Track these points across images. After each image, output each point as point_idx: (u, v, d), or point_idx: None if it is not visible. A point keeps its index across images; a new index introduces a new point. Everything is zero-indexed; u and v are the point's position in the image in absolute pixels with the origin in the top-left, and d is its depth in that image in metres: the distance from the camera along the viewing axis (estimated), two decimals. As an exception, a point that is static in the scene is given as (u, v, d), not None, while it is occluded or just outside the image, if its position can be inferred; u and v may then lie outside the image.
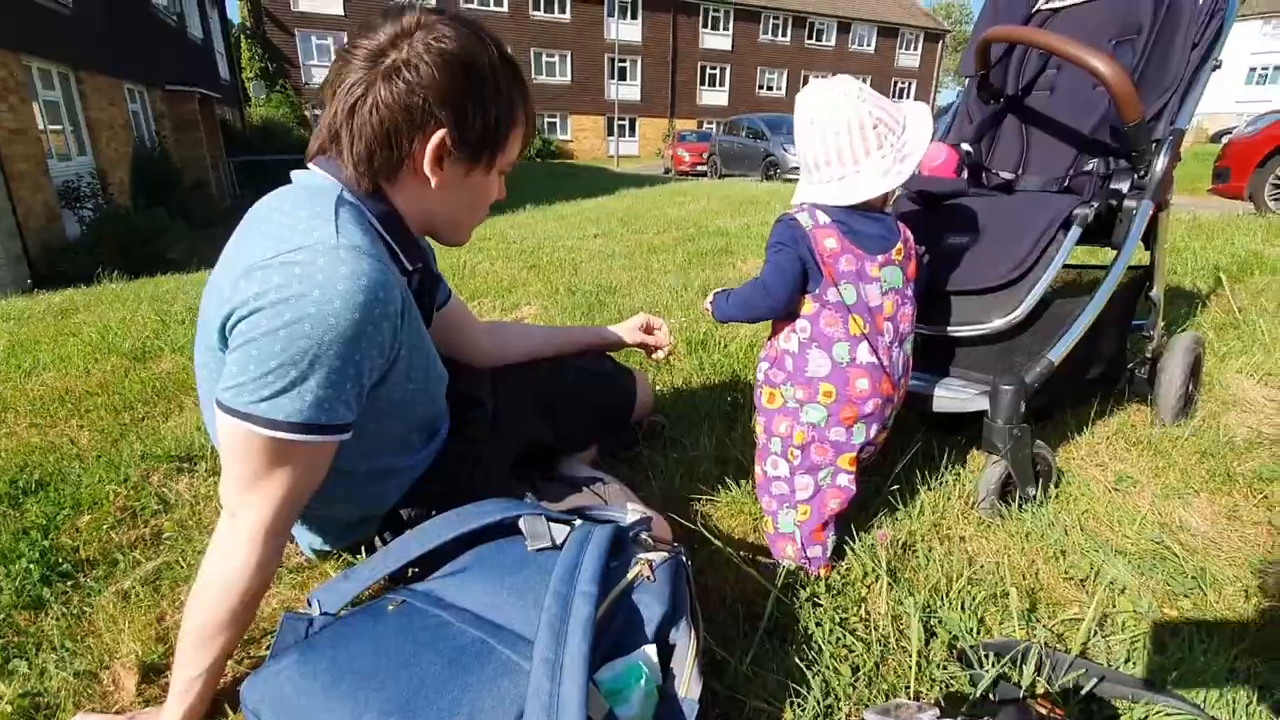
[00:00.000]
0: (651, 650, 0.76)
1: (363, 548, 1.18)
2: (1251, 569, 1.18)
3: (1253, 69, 30.82)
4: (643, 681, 0.72)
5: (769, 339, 1.20)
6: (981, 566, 1.19)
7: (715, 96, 32.20)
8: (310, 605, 0.84)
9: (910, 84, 36.80)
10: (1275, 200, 5.94)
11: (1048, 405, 1.62)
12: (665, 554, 0.85)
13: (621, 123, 29.79)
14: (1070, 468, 1.51)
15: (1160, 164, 1.39)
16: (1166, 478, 1.45)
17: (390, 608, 0.81)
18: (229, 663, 0.95)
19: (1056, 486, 1.41)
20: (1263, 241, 3.73)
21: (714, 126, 25.56)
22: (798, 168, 1.16)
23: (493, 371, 1.44)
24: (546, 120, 29.34)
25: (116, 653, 1.02)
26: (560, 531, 0.87)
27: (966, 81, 1.78)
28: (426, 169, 0.87)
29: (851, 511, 1.29)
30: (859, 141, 1.04)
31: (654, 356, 1.65)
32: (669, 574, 0.83)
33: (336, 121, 0.85)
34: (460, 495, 1.20)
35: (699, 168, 18.47)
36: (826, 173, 1.08)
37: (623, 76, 29.56)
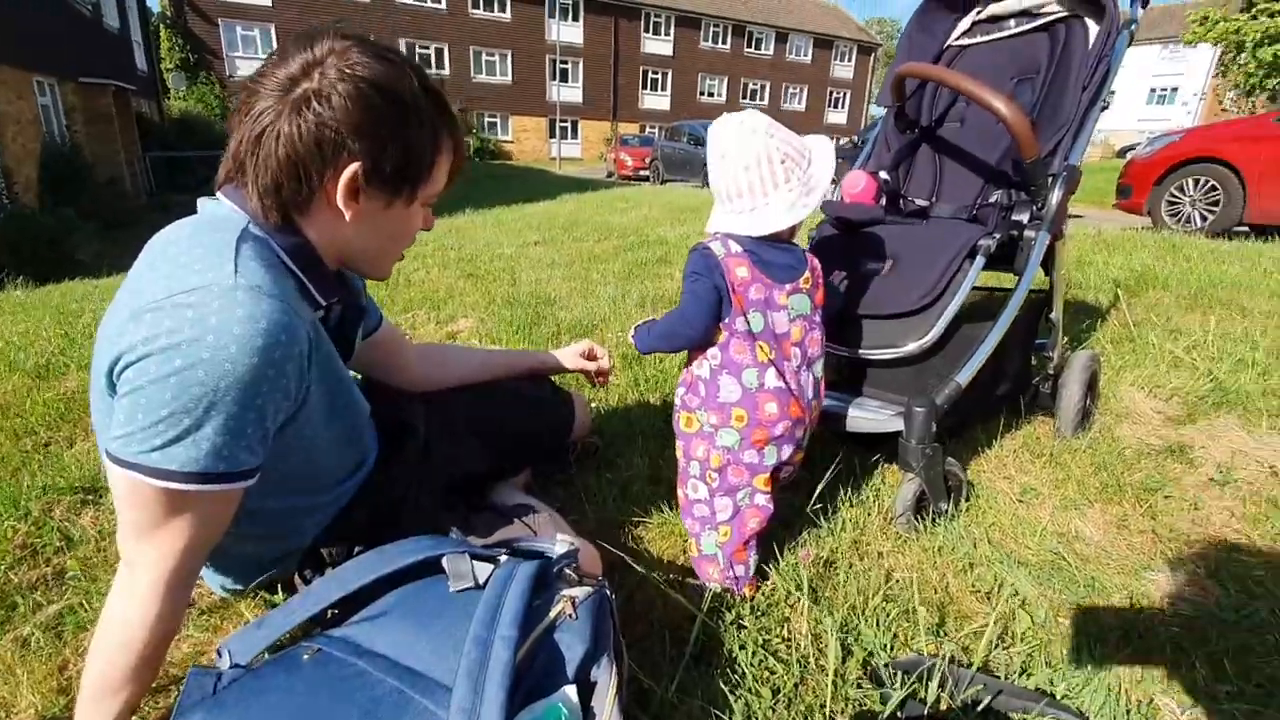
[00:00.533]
0: (572, 691, 0.77)
1: (280, 586, 1.15)
2: (1135, 576, 1.28)
3: (1153, 89, 33.29)
4: (562, 723, 0.72)
5: (685, 365, 1.23)
6: (897, 582, 1.25)
7: (658, 101, 32.46)
8: (220, 656, 0.82)
9: (845, 94, 38.05)
10: (1171, 216, 6.43)
11: (960, 422, 1.71)
12: (589, 589, 0.87)
13: (564, 125, 29.65)
14: (980, 480, 1.60)
15: (1055, 197, 1.50)
16: (1065, 489, 1.56)
17: (305, 657, 0.79)
18: (135, 717, 0.90)
19: (967, 500, 1.49)
20: (1156, 258, 4.03)
21: (656, 131, 25.77)
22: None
23: (426, 397, 1.43)
24: (487, 120, 28.92)
25: (14, 706, 0.96)
26: (484, 570, 0.87)
27: (885, 111, 1.87)
28: (340, 202, 0.85)
29: (776, 530, 1.34)
30: (768, 175, 1.08)
31: (596, 384, 1.67)
32: (592, 610, 0.84)
33: (242, 151, 0.83)
34: (387, 528, 1.19)
35: (641, 172, 18.59)
36: (738, 204, 1.12)
37: (564, 78, 29.43)
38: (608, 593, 0.89)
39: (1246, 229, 5.95)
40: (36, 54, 10.42)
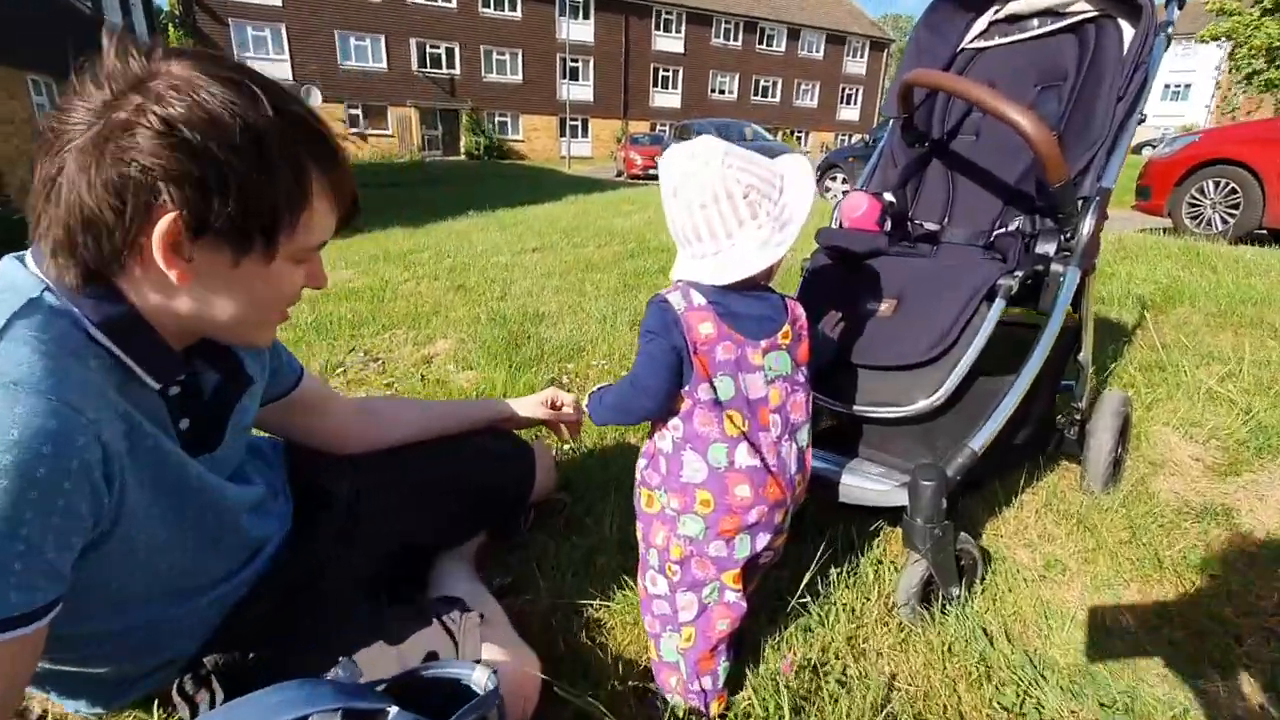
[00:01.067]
0: None
1: (156, 702, 0.97)
2: (1180, 686, 1.07)
3: (1168, 85, 32.62)
4: None
5: (648, 433, 1.04)
6: (902, 693, 1.05)
7: (668, 99, 32.17)
8: None
9: (858, 90, 37.58)
10: (1192, 219, 6.14)
11: (974, 480, 1.51)
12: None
13: (574, 123, 29.47)
14: (998, 547, 1.40)
15: (1087, 227, 1.29)
16: (1096, 564, 1.35)
17: None
18: None
19: (983, 579, 1.29)
20: (1182, 267, 3.78)
21: (667, 128, 25.54)
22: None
23: (355, 459, 1.25)
24: (498, 120, 28.80)
25: None
26: (360, 738, 0.68)
27: (891, 123, 1.66)
28: (160, 262, 0.67)
29: (759, 623, 1.15)
30: (729, 213, 0.89)
31: (563, 440, 1.48)
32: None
33: (36, 200, 0.65)
34: (294, 621, 1.01)
35: (651, 171, 18.35)
36: (698, 248, 0.93)
37: (575, 77, 29.24)
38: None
39: (1265, 232, 5.65)
40: (31, 52, 10.31)
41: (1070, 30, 1.54)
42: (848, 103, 37.53)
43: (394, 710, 0.72)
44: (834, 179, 10.23)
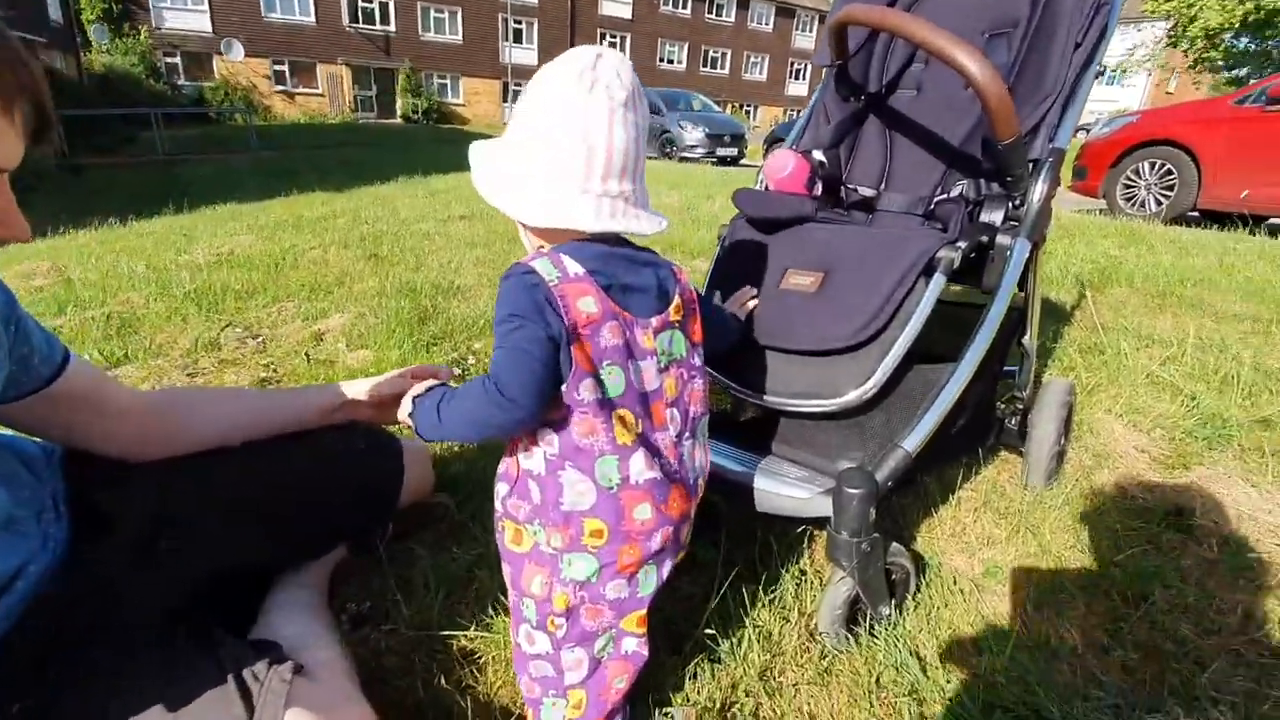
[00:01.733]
0: None
1: None
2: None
3: (1104, 68, 33.84)
4: None
5: (506, 451, 0.81)
6: (815, 741, 0.88)
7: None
8: None
9: (806, 66, 37.53)
10: (1126, 200, 6.25)
11: (909, 476, 1.35)
12: None
13: (517, 88, 28.41)
14: (933, 552, 1.25)
15: (1038, 193, 1.13)
16: (1039, 570, 1.21)
17: None
18: None
19: (916, 590, 1.13)
20: (1119, 247, 3.78)
21: (613, 98, 24.80)
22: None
23: (159, 466, 0.99)
24: (437, 82, 27.43)
25: None
26: None
27: (824, 74, 1.46)
28: None
29: (656, 655, 0.96)
30: (599, 163, 0.69)
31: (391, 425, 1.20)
32: None
33: None
34: (64, 669, 0.78)
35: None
36: (587, 181, 0.71)
37: (518, 39, 28.09)
38: None
39: (1197, 214, 5.79)
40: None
41: (1023, -29, 1.36)
42: (797, 78, 37.44)
43: None
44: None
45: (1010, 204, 1.14)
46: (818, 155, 1.35)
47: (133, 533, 0.93)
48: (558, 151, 0.70)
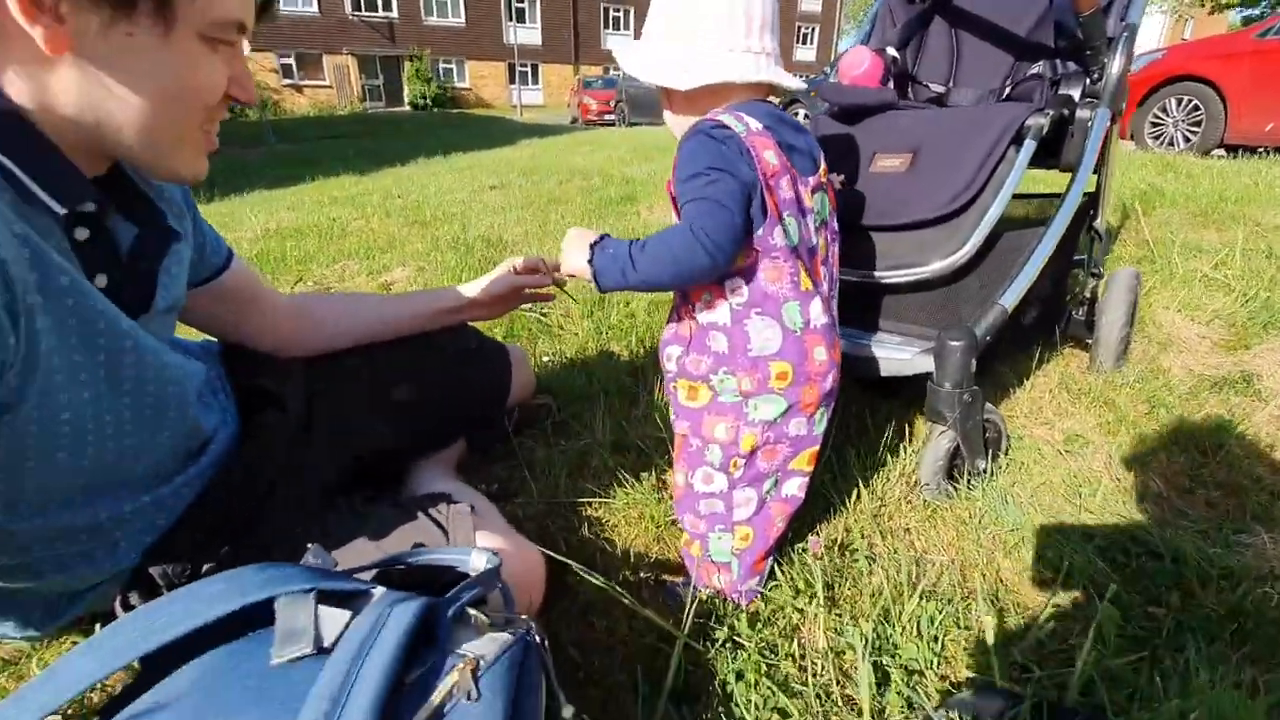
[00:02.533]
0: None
1: (98, 620, 0.83)
2: (1227, 545, 1.01)
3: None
4: None
5: (674, 313, 0.88)
6: (934, 566, 0.97)
7: (621, 40, 31.01)
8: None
9: (814, 29, 36.83)
10: (1154, 138, 6.16)
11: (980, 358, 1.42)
12: (501, 644, 0.55)
13: (523, 69, 28.25)
14: (1015, 429, 1.32)
15: (1116, 65, 1.17)
16: (1118, 436, 1.28)
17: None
18: None
19: (1005, 454, 1.20)
20: (1157, 175, 3.76)
21: (620, 73, 24.66)
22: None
23: (309, 361, 1.09)
24: (442, 66, 27.38)
25: None
26: (334, 623, 0.55)
27: (887, -23, 1.51)
28: (20, 18, 0.49)
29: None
30: (760, 23, 0.76)
31: (539, 301, 1.25)
32: (505, 678, 0.53)
33: None
34: (245, 530, 0.87)
35: (607, 116, 17.79)
36: (738, 39, 0.76)
37: (521, 19, 27.87)
38: (533, 640, 0.58)
39: (1223, 150, 5.70)
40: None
41: None
42: (804, 42, 36.79)
43: (379, 590, 0.58)
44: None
45: (1088, 80, 1.19)
46: (890, 51, 1.40)
47: (292, 417, 1.03)
48: (716, 18, 0.75)
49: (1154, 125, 6.22)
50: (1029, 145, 1.07)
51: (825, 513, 1.07)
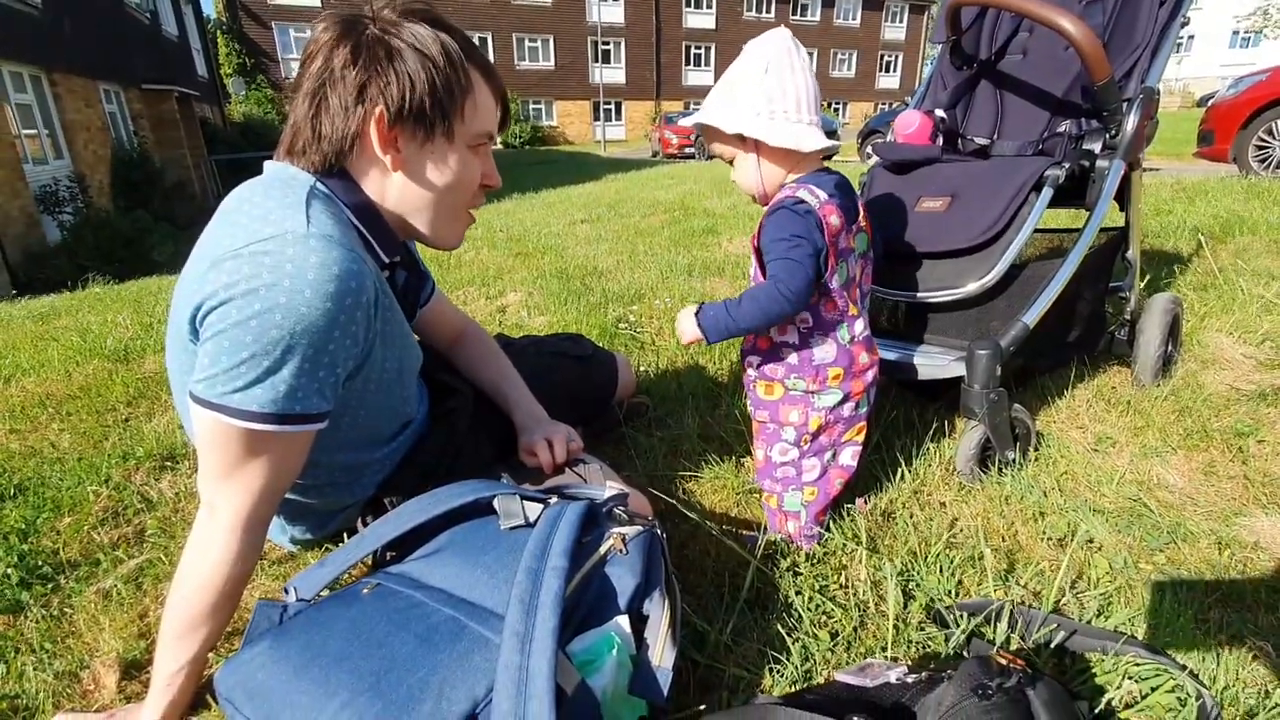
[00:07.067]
0: (624, 621, 0.76)
1: (345, 535, 1.18)
2: (1225, 521, 1.19)
3: (1235, 32, 30.72)
4: (614, 651, 0.72)
5: (755, 337, 1.16)
6: (961, 530, 1.20)
7: (701, 76, 31.89)
8: (287, 593, 0.85)
9: (897, 56, 36.55)
10: (1259, 161, 5.93)
11: (1025, 369, 1.63)
12: (639, 527, 0.86)
13: (607, 107, 29.53)
14: (1050, 430, 1.52)
15: (1131, 123, 1.39)
16: (1145, 437, 1.46)
17: (365, 591, 0.81)
18: (211, 655, 0.95)
19: (1036, 450, 1.41)
20: (1243, 202, 3.73)
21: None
22: (781, 149, 1.08)
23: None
24: (531, 107, 29.04)
25: (97, 651, 1.02)
26: (534, 509, 0.87)
27: (939, 48, 1.77)
28: (378, 149, 0.86)
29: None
30: (807, 97, 1.02)
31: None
32: (643, 547, 0.84)
33: (294, 114, 0.86)
34: (446, 477, 1.21)
35: (687, 149, 18.37)
36: (796, 114, 1.00)
37: (606, 59, 29.24)
38: (658, 531, 0.88)
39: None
40: (100, 63, 10.98)
41: (1114, -55, 1.62)
42: (887, 71, 36.53)
43: (554, 498, 0.91)
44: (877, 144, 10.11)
45: (1107, 135, 1.41)
46: (939, 113, 1.66)
47: (466, 400, 1.38)
48: (786, 99, 1.00)
49: (1259, 149, 5.99)
50: (1047, 192, 1.31)
51: (874, 487, 1.32)
